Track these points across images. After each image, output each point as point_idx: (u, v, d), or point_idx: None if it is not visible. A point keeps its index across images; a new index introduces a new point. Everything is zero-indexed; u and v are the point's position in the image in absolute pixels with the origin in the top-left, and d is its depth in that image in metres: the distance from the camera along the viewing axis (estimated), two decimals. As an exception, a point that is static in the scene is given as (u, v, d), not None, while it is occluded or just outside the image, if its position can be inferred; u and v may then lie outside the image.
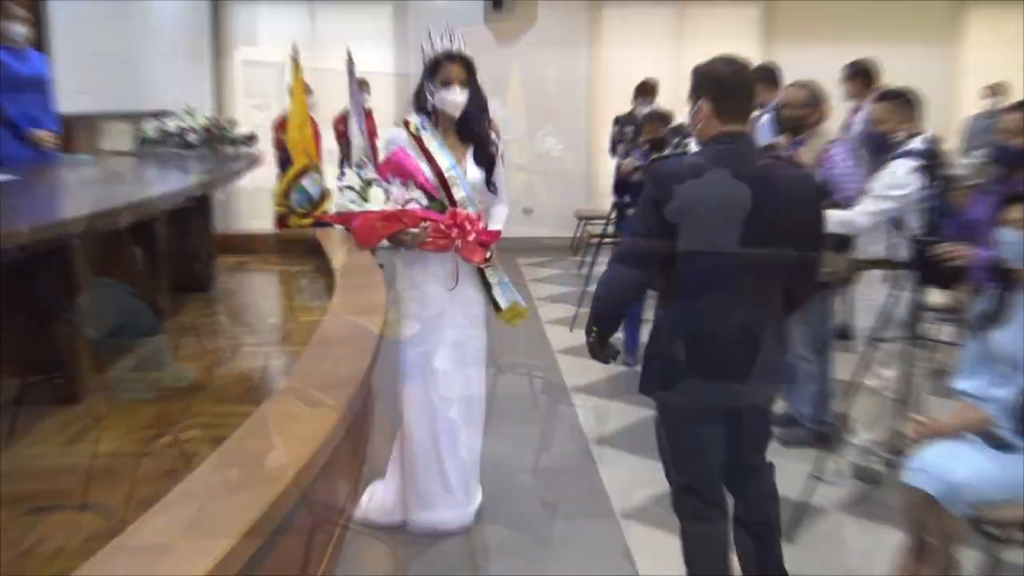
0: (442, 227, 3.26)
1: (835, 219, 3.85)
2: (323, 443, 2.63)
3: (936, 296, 4.39)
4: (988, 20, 10.32)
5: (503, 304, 3.52)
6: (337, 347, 3.52)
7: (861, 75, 6.08)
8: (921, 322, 3.74)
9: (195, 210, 5.15)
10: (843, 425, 3.96)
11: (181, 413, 3.25)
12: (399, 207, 3.20)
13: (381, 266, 5.01)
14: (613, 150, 7.57)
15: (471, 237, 3.30)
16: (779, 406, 4.77)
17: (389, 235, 3.19)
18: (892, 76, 6.27)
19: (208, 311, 4.81)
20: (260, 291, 5.50)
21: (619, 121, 8.15)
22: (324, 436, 2.66)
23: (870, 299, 3.95)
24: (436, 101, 3.36)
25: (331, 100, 9.38)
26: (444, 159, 3.35)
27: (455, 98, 3.33)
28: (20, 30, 5.11)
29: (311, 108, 7.98)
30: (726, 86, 2.55)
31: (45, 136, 5.17)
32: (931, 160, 3.67)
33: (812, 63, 8.77)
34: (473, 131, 3.44)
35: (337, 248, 5.54)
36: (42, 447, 2.95)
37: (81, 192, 4.47)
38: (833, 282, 4.32)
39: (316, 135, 7.96)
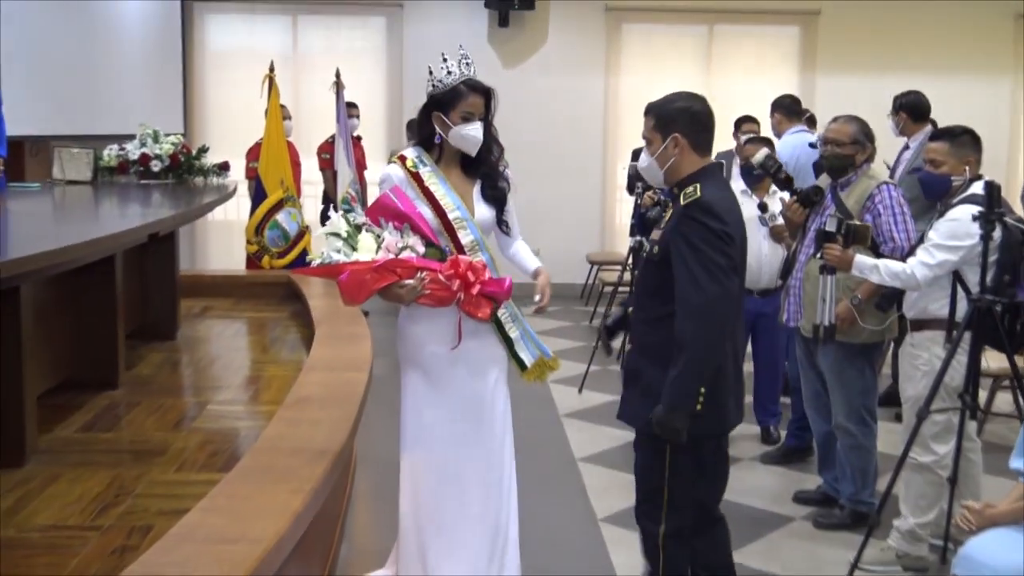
0: (442, 278, 3.14)
1: (888, 271, 3.90)
2: (294, 523, 2.65)
3: (996, 361, 4.44)
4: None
5: (528, 360, 3.43)
6: (315, 408, 3.54)
7: (911, 109, 6.16)
8: (978, 391, 3.78)
9: (158, 248, 5.21)
10: (886, 506, 3.96)
11: (136, 480, 3.26)
12: (393, 256, 3.10)
13: (366, 313, 5.06)
14: (631, 188, 7.58)
15: (475, 289, 3.17)
16: (815, 483, 4.79)
17: (381, 289, 3.08)
18: (945, 110, 6.38)
19: (170, 363, 4.84)
20: (229, 341, 5.53)
21: (637, 155, 8.21)
22: (295, 514, 2.67)
23: (922, 363, 3.98)
24: (452, 137, 3.28)
25: (315, 125, 9.53)
26: (449, 199, 3.29)
27: (477, 134, 3.27)
28: None
29: (289, 133, 8.08)
30: (700, 121, 3.08)
31: None
32: (994, 208, 3.70)
33: (855, 92, 8.99)
34: (481, 164, 3.39)
35: (317, 293, 5.58)
36: (-22, 517, 2.96)
37: (29, 227, 4.52)
38: (877, 343, 4.36)
39: (295, 164, 8.05)
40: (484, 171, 3.38)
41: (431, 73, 3.33)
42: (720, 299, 2.91)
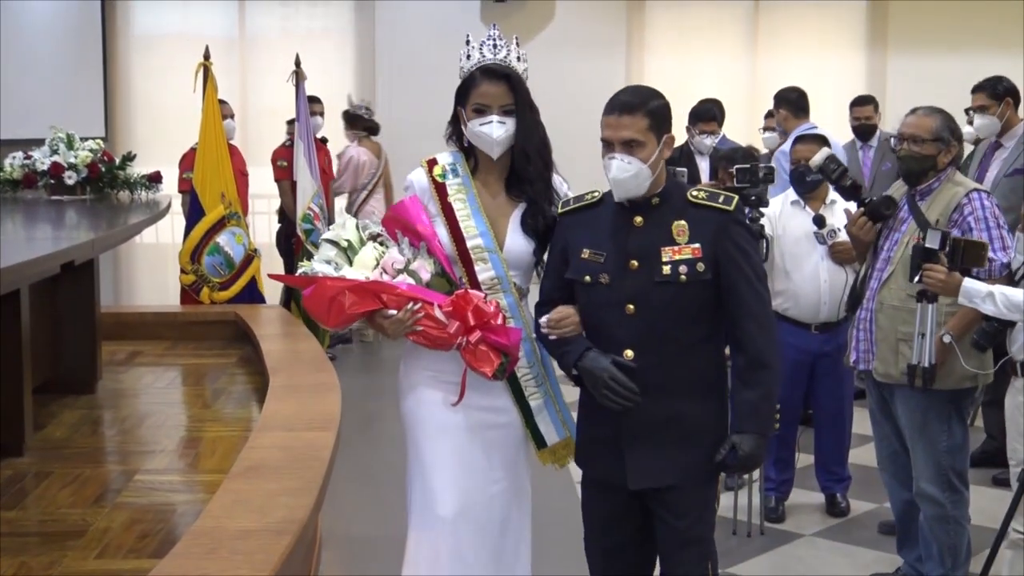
0: (439, 315, 3.10)
1: (1008, 301, 3.88)
2: (247, 617, 2.66)
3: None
4: None
5: (550, 437, 3.43)
6: (269, 478, 3.56)
7: (1009, 95, 6.14)
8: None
9: (73, 280, 5.23)
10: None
11: (47, 569, 3.27)
12: (389, 278, 3.11)
13: (332, 359, 5.07)
14: None
15: (474, 337, 3.11)
16: (894, 564, 4.78)
17: (361, 315, 3.09)
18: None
19: (89, 422, 4.85)
20: (162, 394, 5.53)
21: (670, 160, 8.27)
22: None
23: None
24: (469, 136, 3.31)
25: (268, 125, 9.59)
26: (472, 222, 3.26)
27: (490, 132, 3.24)
28: None
29: (231, 135, 8.10)
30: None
31: None
32: None
33: (935, 75, 9.05)
34: (528, 181, 3.33)
35: (271, 333, 5.59)
36: None
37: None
38: (969, 389, 4.36)
39: (240, 173, 8.05)
40: (530, 192, 3.32)
41: (460, 61, 3.37)
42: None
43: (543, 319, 3.19)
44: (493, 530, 3.35)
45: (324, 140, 8.88)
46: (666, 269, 3.09)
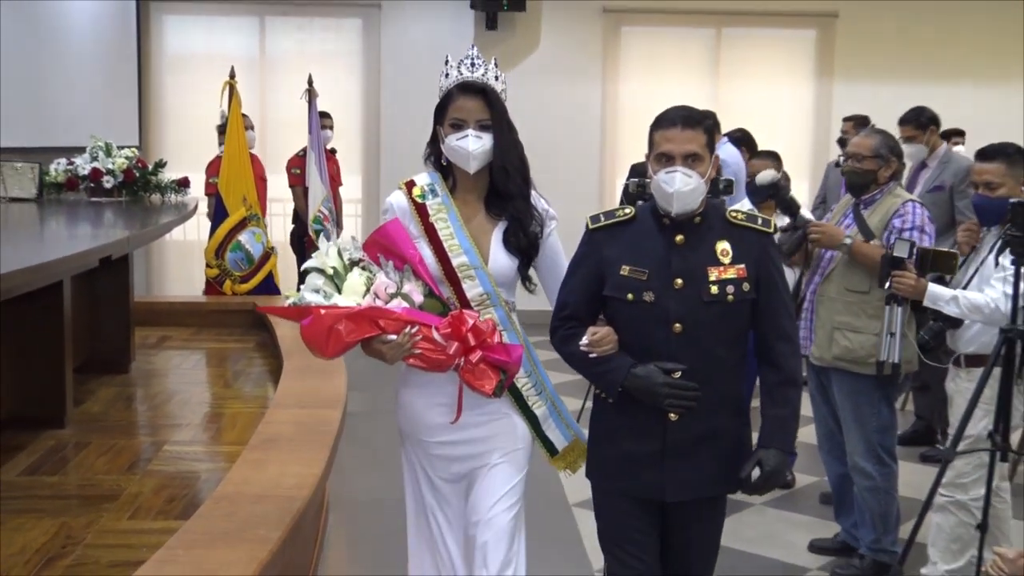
0: (437, 336, 2.78)
1: (968, 304, 3.91)
2: (260, 573, 2.67)
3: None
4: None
5: (559, 443, 3.12)
6: (283, 449, 3.57)
7: (932, 123, 6.21)
8: (1008, 430, 3.81)
9: (110, 273, 5.23)
10: (910, 555, 3.99)
11: (85, 529, 3.28)
12: (382, 303, 2.77)
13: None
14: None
15: (475, 356, 2.80)
16: (832, 530, 4.82)
17: (357, 342, 2.75)
18: (973, 118, 6.45)
19: (123, 399, 4.86)
20: (188, 374, 5.55)
21: (637, 171, 8.25)
22: (261, 566, 2.70)
23: (985, 400, 3.93)
24: (446, 152, 2.96)
25: (284, 136, 9.58)
26: (456, 240, 2.95)
27: (466, 145, 2.89)
28: None
29: (252, 145, 8.10)
30: None
31: None
32: None
33: (877, 101, 9.07)
34: (508, 198, 2.99)
35: (285, 321, 5.59)
36: (-88, 570, 2.98)
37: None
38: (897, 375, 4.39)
39: (260, 179, 8.05)
40: (512, 209, 2.98)
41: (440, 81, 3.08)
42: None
43: (583, 341, 2.84)
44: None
45: (333, 151, 8.87)
46: (714, 289, 2.83)
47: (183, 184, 6.86)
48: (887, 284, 3.97)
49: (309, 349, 2.78)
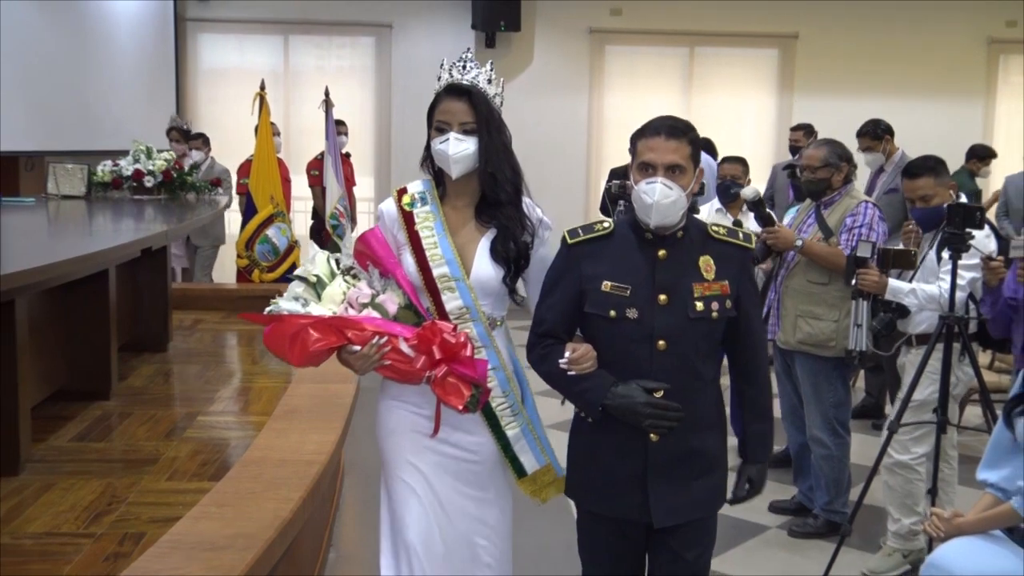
0: (405, 348, 2.42)
1: (924, 295, 3.93)
2: (283, 529, 2.68)
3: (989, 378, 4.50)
4: (1021, 69, 10.55)
5: (529, 466, 2.68)
6: (303, 419, 3.57)
7: (887, 133, 6.23)
8: (947, 405, 3.83)
9: (150, 262, 5.22)
10: (858, 515, 4.01)
11: (128, 489, 3.28)
12: (355, 312, 2.45)
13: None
14: (610, 208, 7.53)
15: (440, 371, 2.43)
16: (790, 493, 4.83)
17: (326, 352, 2.41)
18: (919, 131, 6.47)
19: (162, 374, 4.85)
20: (219, 353, 5.54)
21: (617, 175, 8.22)
22: (284, 522, 2.70)
23: (932, 371, 3.94)
24: (433, 156, 2.61)
25: (305, 142, 9.58)
26: (439, 250, 2.56)
27: (446, 149, 2.53)
28: None
29: (279, 150, 8.11)
30: None
31: None
32: (962, 228, 3.75)
33: (832, 114, 9.08)
34: (497, 205, 2.60)
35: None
36: (-27, 525, 2.98)
37: (24, 241, 4.53)
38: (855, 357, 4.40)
39: (285, 180, 8.07)
40: (501, 218, 2.58)
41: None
42: None
43: (563, 359, 2.43)
44: (464, 562, 2.64)
45: (348, 155, 8.87)
46: (699, 305, 2.46)
47: (216, 184, 6.85)
48: (853, 281, 3.98)
49: (274, 354, 2.46)
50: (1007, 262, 3.79)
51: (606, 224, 2.57)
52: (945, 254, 3.86)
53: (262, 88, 7.39)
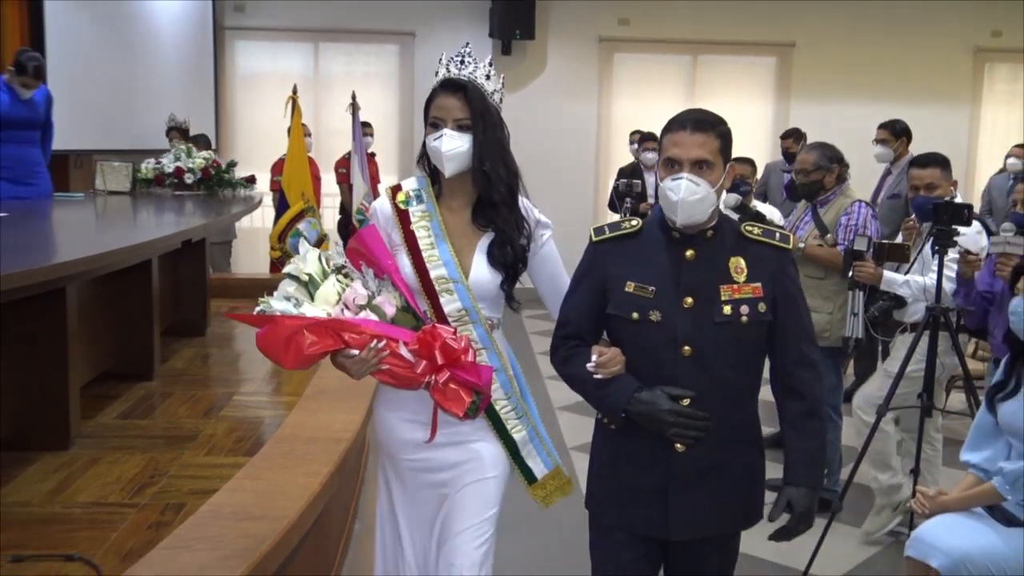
0: (404, 352, 2.18)
1: (917, 286, 3.93)
2: (312, 501, 2.69)
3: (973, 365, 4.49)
4: (1007, 77, 10.48)
5: (539, 471, 2.45)
6: (331, 399, 3.58)
7: (904, 135, 6.14)
8: (932, 390, 3.81)
9: (190, 253, 5.24)
10: (848, 493, 4.00)
11: (169, 463, 3.29)
12: (351, 314, 2.18)
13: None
14: (617, 205, 7.52)
15: (443, 377, 2.20)
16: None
17: (322, 355, 2.17)
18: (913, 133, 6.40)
19: (200, 357, 4.87)
20: (254, 338, 5.55)
21: (625, 173, 8.21)
22: (313, 494, 2.71)
23: (920, 354, 3.96)
24: (428, 153, 2.36)
25: (333, 142, 9.59)
26: (436, 251, 2.32)
27: (439, 146, 2.28)
28: (26, 92, 5.57)
29: (310, 150, 8.12)
30: None
31: None
32: (949, 226, 3.74)
33: (827, 118, 9.05)
34: (493, 207, 2.35)
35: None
36: (28, 494, 2.99)
37: (73, 233, 4.56)
38: (840, 347, 4.39)
39: (315, 178, 8.07)
40: (497, 221, 2.34)
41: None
42: None
43: (590, 364, 2.18)
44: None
45: (373, 154, 8.87)
46: (727, 308, 2.18)
47: (251, 181, 6.86)
48: (850, 273, 3.97)
49: (268, 357, 2.21)
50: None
51: (634, 222, 2.31)
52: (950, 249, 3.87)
53: (294, 92, 7.39)
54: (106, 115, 7.51)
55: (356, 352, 2.13)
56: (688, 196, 2.15)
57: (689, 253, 2.22)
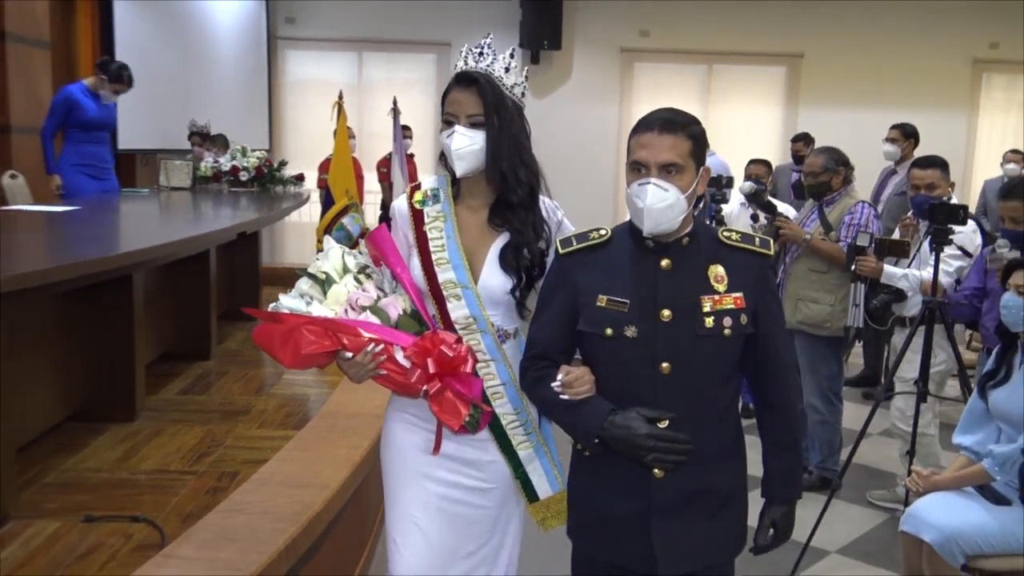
0: (401, 358, 1.90)
1: (915, 279, 3.88)
2: (354, 471, 2.72)
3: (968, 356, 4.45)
4: (1004, 86, 10.33)
5: (543, 491, 2.09)
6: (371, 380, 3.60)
7: (913, 137, 6.07)
8: (927, 378, 3.78)
9: (244, 244, 5.29)
10: (847, 472, 3.98)
11: (225, 435, 3.34)
12: (356, 315, 1.93)
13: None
14: None
15: (434, 387, 1.91)
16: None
17: (320, 356, 1.90)
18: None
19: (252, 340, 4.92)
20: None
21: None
22: (355, 464, 2.74)
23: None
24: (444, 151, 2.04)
25: (375, 144, 9.62)
26: (445, 252, 1.99)
27: (450, 144, 1.99)
28: (110, 96, 5.82)
29: (354, 150, 8.14)
30: None
31: (55, 180, 5.67)
32: (945, 225, 3.70)
33: (833, 124, 8.95)
34: (510, 209, 2.01)
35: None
36: (98, 461, 3.05)
37: (139, 225, 4.61)
38: (842, 337, 4.35)
39: (358, 176, 8.10)
40: (514, 222, 2.00)
41: None
42: None
43: (555, 383, 1.85)
44: None
45: (412, 155, 8.89)
46: (709, 321, 1.84)
47: (299, 179, 6.91)
48: (853, 267, 3.94)
49: (266, 352, 1.96)
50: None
51: (603, 231, 1.94)
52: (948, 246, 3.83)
53: (340, 97, 7.39)
54: (170, 118, 7.58)
55: (351, 355, 1.87)
56: (655, 203, 1.80)
57: (665, 263, 1.86)
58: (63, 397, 3.33)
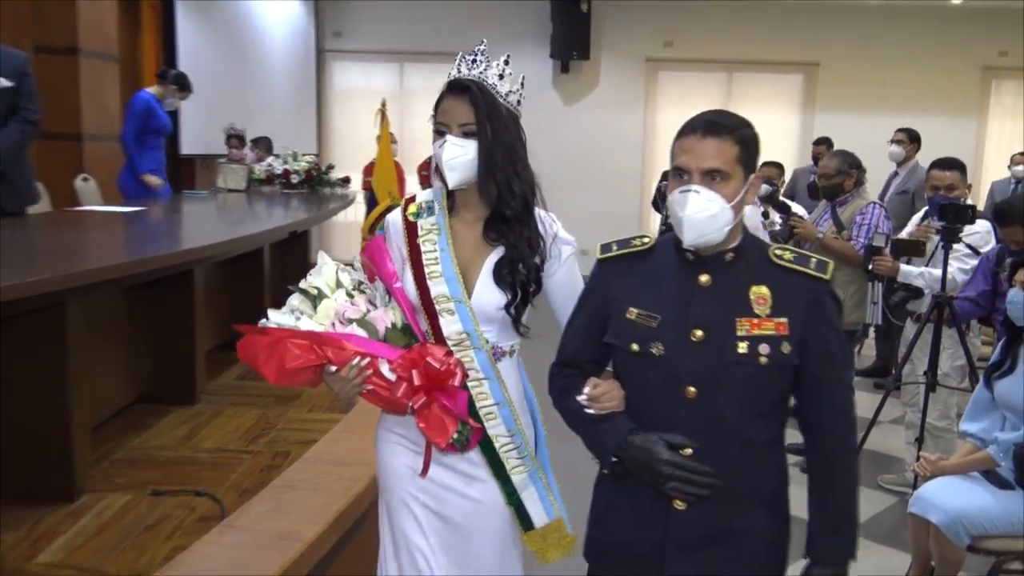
0: (386, 372, 1.71)
1: (931, 277, 3.80)
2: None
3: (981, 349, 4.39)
4: (1012, 92, 10.15)
5: (537, 520, 1.88)
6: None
7: (916, 141, 6.03)
8: (936, 369, 3.74)
9: (295, 242, 5.34)
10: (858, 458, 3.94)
11: (278, 418, 3.39)
12: (344, 328, 1.73)
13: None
14: (657, 205, 7.42)
15: (419, 401, 1.72)
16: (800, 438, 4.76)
17: (305, 371, 1.70)
18: (923, 143, 6.25)
19: (303, 330, 4.97)
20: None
21: (667, 176, 8.06)
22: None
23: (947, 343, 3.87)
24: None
25: (416, 149, 9.66)
26: (439, 266, 1.80)
27: (440, 154, 1.78)
28: (175, 102, 5.99)
29: (395, 155, 8.18)
30: None
31: (154, 180, 5.79)
32: (954, 225, 3.66)
33: (848, 130, 8.84)
34: (505, 222, 1.81)
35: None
36: (163, 440, 3.11)
37: (199, 224, 4.68)
38: (854, 330, 4.31)
39: (400, 179, 8.14)
40: (509, 237, 1.80)
41: None
42: None
43: (582, 395, 1.64)
44: None
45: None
46: (742, 346, 1.58)
47: (346, 181, 6.96)
48: (870, 266, 3.91)
49: (250, 366, 1.76)
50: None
51: (646, 239, 1.73)
52: (956, 245, 3.79)
53: (383, 105, 7.43)
54: (227, 124, 7.67)
55: (335, 369, 1.68)
56: (696, 212, 1.57)
57: (704, 278, 1.63)
58: (132, 381, 3.40)
